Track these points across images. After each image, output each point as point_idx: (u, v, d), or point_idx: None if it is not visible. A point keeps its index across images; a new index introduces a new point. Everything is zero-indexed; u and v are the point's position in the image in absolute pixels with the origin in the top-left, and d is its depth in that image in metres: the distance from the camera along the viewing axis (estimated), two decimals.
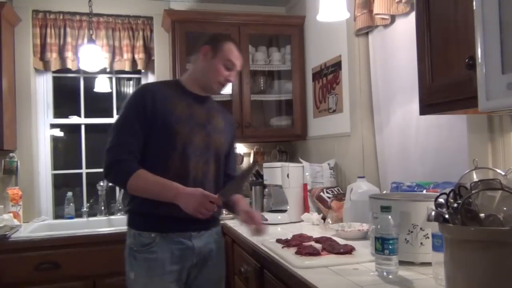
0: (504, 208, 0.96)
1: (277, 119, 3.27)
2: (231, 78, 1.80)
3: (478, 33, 0.95)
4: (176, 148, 1.67)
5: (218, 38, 1.83)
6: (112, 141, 1.66)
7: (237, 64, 1.79)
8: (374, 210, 1.45)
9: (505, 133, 1.47)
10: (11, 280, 2.34)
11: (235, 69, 1.80)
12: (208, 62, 1.76)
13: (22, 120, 2.98)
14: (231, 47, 1.78)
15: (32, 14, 3.00)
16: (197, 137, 1.72)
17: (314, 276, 1.31)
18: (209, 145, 1.75)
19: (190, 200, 1.55)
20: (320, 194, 2.41)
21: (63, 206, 3.07)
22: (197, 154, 1.70)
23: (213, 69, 1.76)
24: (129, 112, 1.70)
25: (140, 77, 3.40)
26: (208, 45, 1.78)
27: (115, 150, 1.64)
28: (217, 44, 1.77)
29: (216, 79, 1.77)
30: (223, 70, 1.76)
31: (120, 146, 1.64)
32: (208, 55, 1.77)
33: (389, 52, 2.25)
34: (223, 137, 1.82)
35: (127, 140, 1.65)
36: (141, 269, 1.64)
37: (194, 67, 1.84)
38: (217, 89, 1.81)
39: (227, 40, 1.81)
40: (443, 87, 1.27)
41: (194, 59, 1.85)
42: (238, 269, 2.09)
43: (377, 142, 2.41)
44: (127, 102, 1.73)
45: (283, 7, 3.50)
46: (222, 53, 1.76)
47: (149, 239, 1.65)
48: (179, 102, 1.74)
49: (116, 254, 2.37)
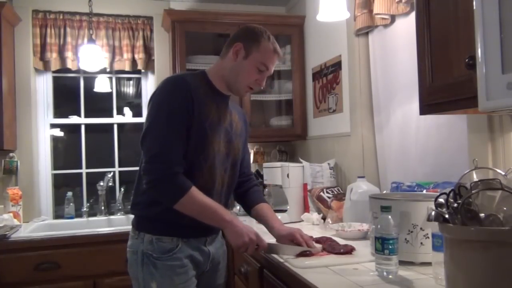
0: (504, 208, 0.96)
1: (277, 119, 3.27)
2: (261, 83, 1.62)
3: (478, 33, 0.95)
4: (208, 159, 1.53)
5: (253, 35, 1.57)
6: (158, 144, 1.45)
7: (270, 68, 1.60)
8: (374, 210, 1.45)
9: (505, 133, 1.47)
10: (11, 280, 2.34)
11: (267, 73, 1.60)
12: (239, 63, 1.57)
13: (22, 120, 2.98)
14: (267, 47, 1.56)
15: (32, 14, 3.00)
16: (222, 146, 1.59)
17: (314, 276, 1.31)
18: (229, 153, 1.62)
19: (240, 237, 1.45)
20: (320, 194, 2.41)
21: (63, 206, 3.08)
22: (220, 164, 1.59)
23: (244, 71, 1.57)
24: (172, 107, 1.47)
25: (140, 77, 3.40)
26: (241, 42, 1.56)
27: (165, 157, 1.44)
28: (252, 42, 1.56)
29: (246, 83, 1.59)
30: (255, 73, 1.57)
31: (171, 153, 1.45)
32: (240, 54, 1.56)
33: (389, 52, 2.25)
34: (241, 141, 1.70)
35: (177, 146, 1.46)
36: (165, 278, 1.49)
37: (223, 63, 1.61)
38: (245, 92, 1.65)
39: (263, 39, 1.57)
40: (443, 87, 1.27)
41: (224, 54, 1.62)
42: (238, 269, 2.09)
43: (377, 142, 2.41)
44: (166, 95, 1.50)
45: (283, 7, 3.50)
46: (256, 55, 1.55)
47: (171, 244, 1.51)
48: (211, 103, 1.56)
49: (116, 254, 2.39)
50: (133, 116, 3.40)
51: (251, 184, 1.82)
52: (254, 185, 1.83)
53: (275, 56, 1.59)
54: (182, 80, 1.53)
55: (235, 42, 1.58)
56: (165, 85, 1.53)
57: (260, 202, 1.75)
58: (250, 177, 1.84)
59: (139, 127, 3.32)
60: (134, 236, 1.58)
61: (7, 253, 2.36)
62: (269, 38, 1.58)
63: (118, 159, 3.30)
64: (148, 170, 1.46)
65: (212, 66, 1.67)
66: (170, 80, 1.55)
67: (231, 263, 2.26)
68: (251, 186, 1.81)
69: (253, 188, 1.81)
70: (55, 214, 3.15)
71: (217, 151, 1.56)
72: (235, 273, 2.20)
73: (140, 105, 3.39)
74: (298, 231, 1.62)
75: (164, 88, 1.52)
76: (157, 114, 1.49)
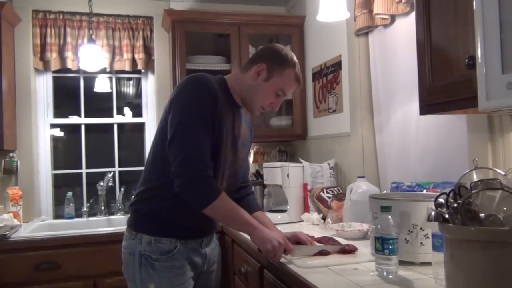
0: (504, 208, 0.96)
1: (277, 119, 3.28)
2: (276, 107, 1.61)
3: (478, 33, 0.95)
4: (219, 165, 1.51)
5: (280, 59, 1.55)
6: (191, 145, 1.41)
7: (288, 94, 1.59)
8: (374, 210, 1.45)
9: (505, 133, 1.47)
10: (11, 280, 2.34)
11: (283, 98, 1.60)
12: (259, 83, 1.54)
13: (22, 120, 2.98)
14: (290, 75, 1.54)
15: (32, 14, 3.00)
16: (230, 154, 1.57)
17: (314, 276, 1.31)
18: (234, 161, 1.61)
19: (268, 242, 1.43)
20: (320, 194, 2.41)
21: (63, 206, 3.08)
22: (228, 172, 1.58)
23: (262, 93, 1.55)
24: (202, 108, 1.44)
25: (140, 77, 3.40)
26: (265, 64, 1.54)
27: (197, 159, 1.41)
28: (277, 67, 1.53)
29: (260, 104, 1.58)
30: (272, 97, 1.56)
31: (203, 156, 1.42)
32: (261, 75, 1.54)
33: (389, 52, 2.25)
34: (245, 151, 1.70)
35: (208, 149, 1.44)
36: (164, 279, 1.48)
37: (243, 78, 1.58)
38: (258, 112, 1.62)
39: (289, 66, 1.54)
40: (443, 87, 1.27)
41: (245, 68, 1.60)
42: (238, 269, 2.09)
43: (377, 142, 2.41)
44: (195, 96, 1.45)
45: (283, 7, 3.50)
46: (277, 79, 1.53)
47: (170, 245, 1.50)
48: (229, 111, 1.54)
49: (116, 254, 2.37)
50: (133, 116, 3.39)
51: (248, 191, 1.82)
52: (251, 193, 1.84)
53: (296, 85, 1.59)
54: (208, 80, 1.48)
55: (260, 61, 1.55)
56: (191, 85, 1.48)
57: (257, 210, 1.75)
58: (248, 184, 1.85)
59: (139, 127, 3.33)
60: (130, 237, 1.55)
61: (7, 253, 2.36)
62: (294, 66, 1.56)
63: (118, 159, 3.29)
64: (179, 173, 1.42)
65: (231, 75, 1.65)
66: (196, 80, 1.49)
67: (231, 263, 2.26)
68: (248, 193, 1.81)
69: (250, 196, 1.81)
70: (55, 214, 3.15)
71: (227, 159, 1.55)
72: (235, 273, 2.20)
73: (140, 105, 3.39)
74: (301, 233, 1.62)
75: (190, 88, 1.48)
76: (186, 115, 1.44)
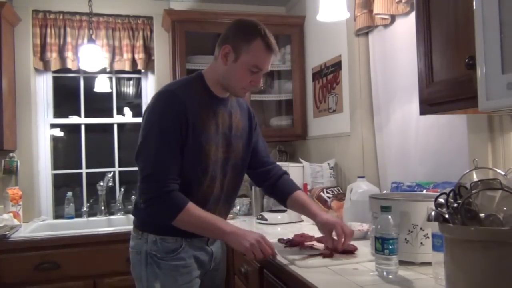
0: (504, 208, 0.96)
1: (277, 119, 3.28)
2: (257, 84, 1.54)
3: (478, 33, 0.95)
4: (205, 170, 1.51)
5: (243, 34, 1.47)
6: (151, 163, 1.43)
7: (265, 67, 1.50)
8: (374, 210, 1.45)
9: (505, 133, 1.47)
10: (11, 280, 2.34)
11: (262, 72, 1.52)
12: (230, 66, 1.48)
13: (22, 120, 2.98)
14: (258, 47, 1.45)
15: (32, 14, 3.00)
16: (220, 152, 1.56)
17: (314, 276, 1.31)
18: (228, 156, 1.59)
19: (245, 241, 1.41)
20: (320, 194, 2.41)
21: (63, 206, 3.08)
22: (219, 171, 1.57)
23: (236, 76, 1.49)
24: (164, 126, 1.44)
25: (140, 77, 3.40)
26: (229, 44, 1.47)
27: (158, 176, 1.42)
28: (241, 43, 1.45)
29: (240, 86, 1.51)
30: (248, 76, 1.49)
31: (164, 172, 1.43)
32: (229, 57, 1.48)
33: (389, 52, 2.25)
34: (242, 141, 1.66)
35: (170, 164, 1.44)
36: (169, 278, 1.49)
37: (216, 66, 1.54)
38: (243, 94, 1.58)
39: (253, 38, 1.45)
40: (443, 87, 1.27)
41: (216, 55, 1.54)
42: (238, 269, 2.09)
43: (377, 142, 2.41)
44: (158, 113, 1.46)
45: (283, 7, 3.50)
46: (246, 57, 1.46)
47: (175, 244, 1.51)
48: (207, 112, 1.52)
49: (116, 254, 2.39)
50: (133, 116, 3.40)
51: (279, 172, 1.76)
52: (283, 174, 1.77)
53: (269, 55, 1.48)
54: (175, 97, 1.46)
55: (224, 43, 1.49)
56: (158, 103, 1.49)
57: (294, 190, 1.70)
58: (274, 165, 1.78)
59: (139, 127, 3.30)
60: (137, 237, 1.57)
61: (7, 253, 2.36)
62: (260, 35, 1.45)
63: (118, 159, 3.30)
64: (143, 190, 1.45)
65: (208, 67, 1.60)
66: (162, 98, 1.49)
67: (231, 263, 2.26)
68: (280, 175, 1.75)
69: (283, 177, 1.75)
70: (55, 214, 3.15)
71: (215, 159, 1.54)
72: (235, 273, 2.20)
73: (140, 105, 3.39)
74: (340, 224, 1.55)
75: (157, 106, 1.48)
76: (149, 133, 1.46)
